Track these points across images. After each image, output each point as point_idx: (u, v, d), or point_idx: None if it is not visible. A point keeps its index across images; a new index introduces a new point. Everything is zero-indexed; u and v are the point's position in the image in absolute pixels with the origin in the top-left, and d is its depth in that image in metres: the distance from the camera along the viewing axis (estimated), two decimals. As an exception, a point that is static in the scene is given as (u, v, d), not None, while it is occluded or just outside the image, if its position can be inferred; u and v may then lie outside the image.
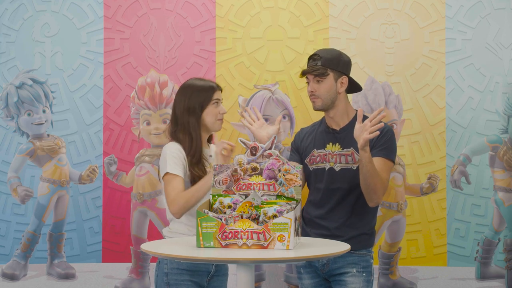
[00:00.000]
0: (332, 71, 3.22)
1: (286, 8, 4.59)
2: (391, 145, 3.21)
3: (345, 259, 3.18)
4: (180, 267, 3.06)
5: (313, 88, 3.23)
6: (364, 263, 3.21)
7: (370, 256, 3.26)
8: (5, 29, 4.65)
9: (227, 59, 4.59)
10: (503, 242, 4.44)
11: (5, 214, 4.59)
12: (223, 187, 2.64)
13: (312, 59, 3.25)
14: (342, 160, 3.21)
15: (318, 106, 3.25)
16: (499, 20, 4.50)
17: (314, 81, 3.23)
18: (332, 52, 3.28)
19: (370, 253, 3.27)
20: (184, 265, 3.06)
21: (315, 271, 3.28)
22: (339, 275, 3.20)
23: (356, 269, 3.18)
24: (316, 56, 3.24)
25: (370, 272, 3.24)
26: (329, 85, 3.22)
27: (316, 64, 3.21)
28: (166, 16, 4.63)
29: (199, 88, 3.22)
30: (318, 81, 3.22)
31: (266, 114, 4.51)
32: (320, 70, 3.20)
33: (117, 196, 4.57)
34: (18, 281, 4.55)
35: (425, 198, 4.48)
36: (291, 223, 2.40)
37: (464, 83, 4.50)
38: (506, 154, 4.45)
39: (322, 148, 3.26)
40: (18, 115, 4.61)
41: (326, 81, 3.21)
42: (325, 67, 3.21)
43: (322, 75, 3.20)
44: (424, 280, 4.45)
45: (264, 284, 4.48)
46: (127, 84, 4.61)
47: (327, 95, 3.22)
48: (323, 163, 3.24)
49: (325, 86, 3.22)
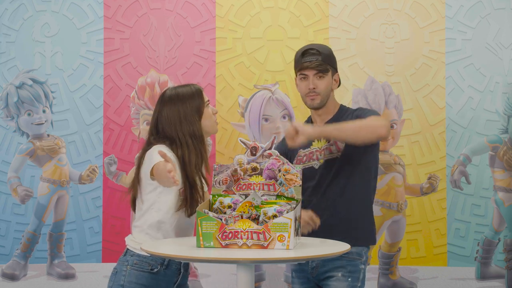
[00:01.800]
0: (330, 67, 3.05)
1: (286, 8, 4.59)
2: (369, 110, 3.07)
3: (333, 263, 2.97)
4: (138, 282, 2.81)
5: (314, 84, 3.01)
6: (351, 268, 2.97)
7: (361, 261, 3.00)
8: (5, 29, 4.65)
9: (227, 59, 4.59)
10: (503, 242, 4.44)
11: (5, 214, 4.59)
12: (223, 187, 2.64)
13: (309, 53, 3.04)
14: (327, 153, 3.02)
15: (317, 104, 3.04)
16: (499, 20, 4.50)
17: (315, 77, 3.02)
18: (327, 48, 3.10)
19: (361, 258, 3.00)
20: (143, 279, 2.81)
21: (305, 276, 3.07)
22: (325, 279, 2.99)
23: (341, 273, 2.96)
24: (314, 50, 3.04)
25: (358, 278, 2.98)
26: (328, 81, 3.04)
27: (317, 59, 3.01)
28: (166, 16, 4.63)
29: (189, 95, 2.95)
30: (320, 77, 3.02)
31: (266, 114, 4.51)
32: (323, 65, 3.01)
33: (117, 196, 4.57)
34: (18, 281, 4.55)
35: (425, 198, 4.48)
36: (291, 223, 2.39)
37: (464, 83, 4.50)
38: (506, 154, 4.45)
39: (308, 146, 3.06)
40: (18, 115, 4.61)
41: (327, 78, 3.03)
42: (326, 63, 3.03)
43: (324, 71, 3.02)
44: (424, 280, 4.45)
45: (264, 284, 4.48)
46: (127, 84, 4.61)
47: (325, 92, 3.03)
48: (310, 162, 3.05)
49: (325, 83, 3.03)
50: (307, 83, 3.02)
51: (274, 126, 4.50)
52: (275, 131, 4.47)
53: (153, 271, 2.79)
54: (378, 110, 4.46)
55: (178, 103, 2.91)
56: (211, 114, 2.98)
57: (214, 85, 4.57)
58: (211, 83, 4.58)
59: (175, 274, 2.84)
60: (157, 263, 2.79)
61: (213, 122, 2.98)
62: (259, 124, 4.51)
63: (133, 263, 2.83)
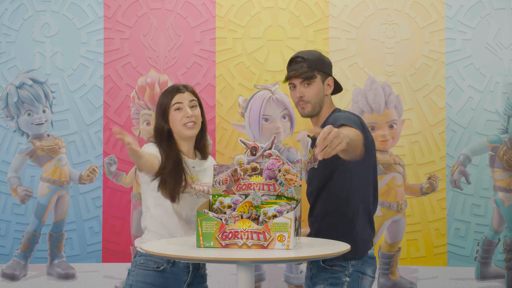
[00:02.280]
0: (319, 72, 2.93)
1: (286, 8, 4.59)
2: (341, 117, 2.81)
3: (320, 274, 2.85)
4: (146, 281, 2.83)
5: (301, 92, 2.91)
6: (333, 280, 2.81)
7: (345, 273, 2.83)
8: (5, 29, 4.65)
9: (227, 59, 4.59)
10: (503, 242, 4.44)
11: (5, 214, 4.59)
12: (223, 187, 2.64)
13: (295, 62, 2.95)
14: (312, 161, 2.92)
15: (308, 112, 2.94)
16: (499, 20, 4.50)
17: (302, 85, 2.91)
18: (314, 53, 3.00)
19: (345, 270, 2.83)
20: (151, 278, 2.83)
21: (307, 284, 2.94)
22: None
23: (323, 286, 2.81)
24: (299, 58, 2.95)
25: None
26: (317, 88, 2.92)
27: (301, 66, 2.91)
28: (166, 16, 4.63)
29: (163, 93, 2.98)
30: (306, 85, 2.91)
31: (266, 114, 4.51)
32: (308, 72, 2.91)
33: (117, 196, 4.57)
34: (18, 281, 4.55)
35: (425, 198, 4.48)
36: (291, 223, 2.39)
37: (464, 83, 4.50)
38: (506, 154, 4.45)
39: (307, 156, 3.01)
40: (18, 115, 4.61)
41: (315, 84, 2.92)
42: (312, 69, 2.91)
43: (310, 78, 2.91)
44: (424, 280, 4.45)
45: (264, 284, 4.48)
46: (127, 84, 4.61)
47: (316, 99, 2.92)
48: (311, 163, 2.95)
49: (314, 90, 2.91)
50: (295, 92, 2.94)
51: (274, 126, 4.50)
52: (275, 131, 4.47)
53: (159, 269, 2.81)
54: (378, 110, 4.46)
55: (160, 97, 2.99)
56: (178, 119, 2.90)
57: (214, 85, 4.57)
58: (211, 83, 4.58)
59: (184, 273, 2.85)
60: (163, 261, 2.80)
61: (179, 127, 2.90)
62: (259, 124, 4.51)
63: (140, 263, 2.85)
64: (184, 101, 2.91)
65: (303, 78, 2.90)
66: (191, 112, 2.91)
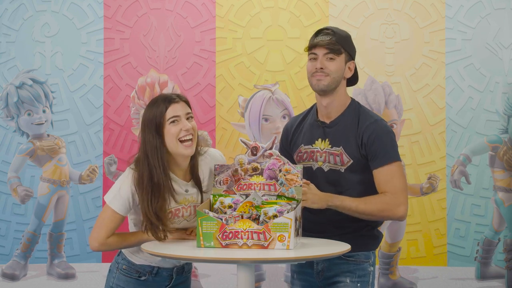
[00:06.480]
0: (345, 52, 2.78)
1: (286, 8, 4.60)
2: (387, 145, 2.74)
3: (340, 267, 2.77)
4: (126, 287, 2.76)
5: (323, 64, 2.73)
6: (360, 272, 2.78)
7: (369, 263, 2.81)
8: (5, 29, 4.65)
9: (227, 59, 4.59)
10: (503, 242, 4.44)
11: (5, 214, 4.59)
12: (223, 187, 2.64)
13: (323, 33, 2.78)
14: (330, 160, 2.77)
15: (323, 86, 2.74)
16: (499, 20, 4.50)
17: (324, 58, 2.74)
18: (345, 32, 2.85)
19: (369, 259, 2.81)
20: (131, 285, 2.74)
21: (308, 279, 2.86)
22: (332, 284, 2.78)
23: (350, 279, 2.76)
24: (329, 30, 2.78)
25: (368, 282, 2.80)
26: (340, 65, 2.76)
27: (330, 38, 2.74)
28: (166, 16, 4.63)
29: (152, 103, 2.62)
30: (330, 59, 2.74)
31: (266, 114, 4.51)
32: (336, 45, 2.74)
33: (117, 196, 4.57)
34: (18, 281, 4.55)
35: (425, 198, 4.48)
36: (292, 223, 2.40)
37: (464, 83, 4.50)
38: (506, 154, 4.45)
39: (310, 144, 2.83)
40: (18, 115, 4.61)
41: (338, 60, 2.76)
42: (339, 44, 2.76)
43: (336, 51, 2.74)
44: (424, 280, 4.45)
45: (264, 284, 4.48)
46: (127, 84, 4.61)
47: (336, 75, 2.75)
48: (310, 162, 2.82)
49: (336, 65, 2.75)
50: (315, 63, 2.76)
51: (274, 126, 4.51)
52: (275, 131, 4.47)
53: (140, 278, 2.75)
54: (378, 110, 4.46)
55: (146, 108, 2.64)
56: (174, 132, 2.57)
57: (214, 85, 4.57)
58: (211, 83, 4.58)
59: (166, 279, 2.77)
60: (146, 271, 2.74)
61: (174, 143, 2.58)
62: (259, 124, 4.51)
63: (122, 268, 2.78)
64: (181, 113, 2.59)
65: (329, 49, 2.75)
66: (189, 124, 2.60)
